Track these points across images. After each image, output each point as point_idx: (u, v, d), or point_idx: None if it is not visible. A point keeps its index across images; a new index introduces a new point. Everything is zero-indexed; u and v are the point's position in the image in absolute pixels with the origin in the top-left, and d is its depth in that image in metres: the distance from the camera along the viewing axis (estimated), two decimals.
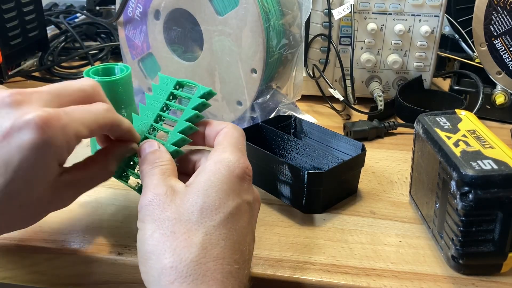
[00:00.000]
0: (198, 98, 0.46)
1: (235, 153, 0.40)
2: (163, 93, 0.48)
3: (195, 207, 0.36)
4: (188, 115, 0.45)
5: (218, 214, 0.36)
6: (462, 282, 0.44)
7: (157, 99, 0.48)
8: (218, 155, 0.40)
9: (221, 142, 0.42)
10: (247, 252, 0.38)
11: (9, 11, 0.79)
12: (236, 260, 0.36)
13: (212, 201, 0.37)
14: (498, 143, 0.44)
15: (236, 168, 0.39)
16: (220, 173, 0.38)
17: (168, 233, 0.35)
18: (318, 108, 0.77)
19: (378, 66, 0.77)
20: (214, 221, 0.36)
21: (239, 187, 0.38)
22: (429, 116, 0.49)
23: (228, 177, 0.38)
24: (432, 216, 0.47)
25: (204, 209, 0.36)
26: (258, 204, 0.43)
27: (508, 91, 0.72)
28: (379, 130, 0.68)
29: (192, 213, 0.36)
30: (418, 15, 0.73)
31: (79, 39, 0.95)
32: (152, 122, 0.47)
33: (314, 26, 0.75)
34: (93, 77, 0.57)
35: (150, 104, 0.48)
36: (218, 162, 0.39)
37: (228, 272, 0.35)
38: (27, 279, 0.48)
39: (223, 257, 0.35)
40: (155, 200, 0.37)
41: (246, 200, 0.39)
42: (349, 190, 0.55)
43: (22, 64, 0.87)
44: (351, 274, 0.44)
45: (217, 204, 0.37)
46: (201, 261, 0.34)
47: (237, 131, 0.43)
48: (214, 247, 0.35)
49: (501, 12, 0.68)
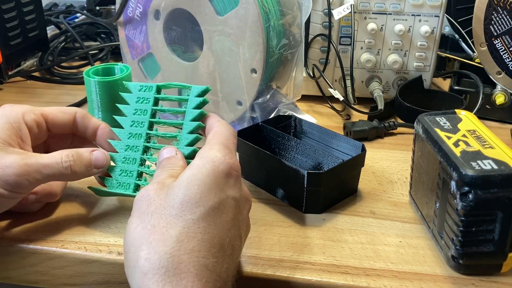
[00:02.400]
0: (196, 98, 0.46)
1: (222, 150, 0.41)
2: (144, 100, 0.48)
3: (176, 200, 0.37)
4: (193, 114, 0.46)
5: (199, 208, 0.37)
6: (462, 282, 0.44)
7: (139, 107, 0.48)
8: (205, 152, 0.41)
9: (210, 140, 0.43)
10: (229, 247, 0.38)
11: (9, 11, 0.79)
12: (214, 254, 0.36)
13: (193, 194, 0.37)
14: (498, 143, 0.44)
15: (221, 164, 0.39)
16: (204, 168, 0.39)
17: (148, 227, 0.36)
18: (318, 108, 0.77)
19: (378, 66, 0.77)
20: (193, 215, 0.36)
21: (223, 182, 0.39)
22: (429, 116, 0.49)
23: (212, 172, 0.39)
24: (432, 216, 0.47)
25: (184, 202, 0.37)
26: (249, 203, 0.43)
27: (508, 91, 0.72)
28: (379, 130, 0.68)
29: (172, 207, 0.37)
30: (418, 15, 0.73)
31: (79, 39, 0.95)
32: (146, 131, 0.47)
33: (314, 26, 0.75)
34: (93, 77, 0.57)
35: (132, 114, 0.48)
36: (204, 158, 0.40)
37: (203, 265, 0.35)
38: (27, 279, 0.48)
39: (198, 250, 0.35)
40: (144, 196, 0.38)
41: (231, 196, 0.39)
42: (349, 190, 0.55)
43: (22, 64, 0.87)
44: (351, 274, 0.44)
45: (198, 197, 0.37)
46: (175, 253, 0.35)
47: (227, 130, 0.44)
48: (190, 240, 0.35)
49: (501, 12, 0.68)
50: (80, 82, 0.86)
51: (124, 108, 0.48)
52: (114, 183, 0.47)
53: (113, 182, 0.47)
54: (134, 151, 0.47)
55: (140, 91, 0.48)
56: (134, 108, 0.48)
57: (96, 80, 0.56)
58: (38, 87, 0.85)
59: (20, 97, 0.80)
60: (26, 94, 0.81)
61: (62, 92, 0.82)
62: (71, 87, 0.84)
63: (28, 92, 0.82)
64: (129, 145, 0.48)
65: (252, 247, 0.47)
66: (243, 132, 0.57)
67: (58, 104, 0.75)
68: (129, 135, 0.48)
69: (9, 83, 0.84)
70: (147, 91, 0.48)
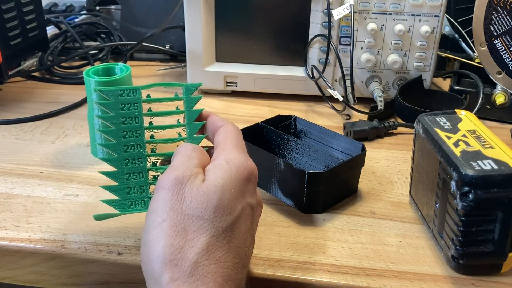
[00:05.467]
0: (192, 97, 0.44)
1: (242, 154, 0.40)
2: (131, 106, 0.43)
3: (211, 203, 0.36)
4: (195, 114, 0.44)
5: (228, 216, 0.36)
6: (462, 282, 0.44)
7: (128, 114, 0.43)
8: (227, 154, 0.39)
9: (224, 141, 0.41)
10: (245, 257, 0.38)
11: (9, 11, 0.79)
12: (236, 265, 0.36)
13: (226, 200, 0.36)
14: (498, 143, 0.44)
15: (245, 169, 0.38)
16: (232, 172, 0.38)
17: (179, 228, 0.35)
18: (318, 108, 0.77)
19: (378, 66, 0.76)
20: (223, 222, 0.36)
21: (245, 189, 0.38)
22: (429, 116, 0.49)
23: (238, 177, 0.38)
24: (432, 216, 0.47)
25: (218, 207, 0.36)
26: (260, 208, 0.43)
27: (508, 91, 0.72)
28: (379, 130, 0.68)
29: (206, 209, 0.35)
30: (418, 15, 0.73)
31: (78, 39, 0.95)
32: (144, 140, 0.43)
33: (314, 26, 0.75)
34: (93, 77, 0.57)
35: (120, 123, 0.43)
36: (230, 161, 0.38)
37: (228, 276, 0.35)
38: (27, 279, 0.48)
39: (224, 261, 0.35)
40: (175, 186, 0.36)
41: (250, 204, 0.39)
42: (349, 190, 0.55)
43: (22, 64, 0.87)
44: (351, 274, 0.44)
45: (230, 205, 0.36)
46: (204, 262, 0.34)
47: (236, 130, 0.43)
48: (218, 250, 0.35)
49: (501, 12, 0.67)
50: (80, 82, 0.85)
51: (108, 119, 0.43)
52: (126, 204, 0.43)
53: (124, 203, 0.42)
54: (138, 164, 0.43)
55: (122, 96, 0.43)
56: (121, 116, 0.43)
57: (96, 80, 0.56)
58: (38, 87, 0.85)
59: (20, 97, 0.80)
60: (26, 94, 0.81)
61: (62, 92, 0.82)
62: (71, 87, 0.84)
63: (28, 92, 0.82)
64: (129, 159, 0.43)
65: None
66: (243, 132, 0.57)
67: (58, 104, 0.75)
68: (125, 148, 0.43)
69: (9, 83, 0.84)
70: (132, 95, 0.43)
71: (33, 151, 0.63)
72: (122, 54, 0.95)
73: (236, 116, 0.74)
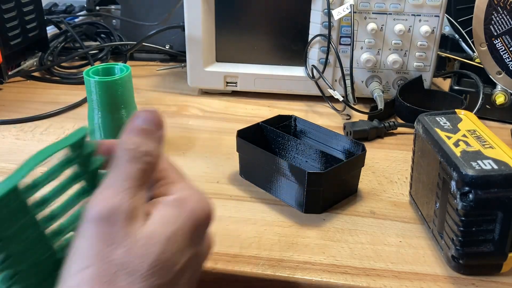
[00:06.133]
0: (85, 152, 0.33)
1: (195, 191, 0.33)
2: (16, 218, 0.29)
3: (148, 257, 0.29)
4: (94, 163, 0.33)
5: (168, 273, 0.30)
6: (462, 282, 0.44)
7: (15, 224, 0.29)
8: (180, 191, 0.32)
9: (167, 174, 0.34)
10: None
11: (9, 11, 0.79)
12: None
13: (168, 255, 0.30)
14: (498, 143, 0.44)
15: (201, 213, 0.32)
16: (183, 219, 0.31)
17: (104, 280, 0.28)
18: (318, 108, 0.77)
19: (378, 66, 0.76)
20: (160, 280, 0.29)
21: (195, 236, 0.32)
22: (429, 116, 0.49)
23: (190, 225, 0.31)
24: (432, 216, 0.47)
25: (157, 262, 0.29)
26: (210, 249, 0.36)
27: (508, 91, 0.72)
28: (379, 130, 0.68)
29: (141, 264, 0.28)
30: (418, 15, 0.73)
31: (78, 39, 0.95)
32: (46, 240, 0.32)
33: (314, 26, 0.75)
34: (93, 77, 0.57)
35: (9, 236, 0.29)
36: (184, 203, 0.32)
37: None
38: None
39: None
40: (105, 223, 0.29)
41: (197, 252, 0.33)
42: (349, 190, 0.55)
43: (22, 64, 0.87)
44: (351, 274, 0.44)
45: (172, 260, 0.30)
46: None
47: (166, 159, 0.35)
48: None
49: (501, 12, 0.68)
50: (80, 82, 0.85)
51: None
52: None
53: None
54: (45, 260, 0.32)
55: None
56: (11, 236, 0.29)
57: (96, 80, 0.56)
58: (38, 87, 0.85)
59: (20, 97, 0.80)
60: (26, 94, 0.81)
61: (62, 92, 0.82)
62: (71, 87, 0.84)
63: (28, 92, 0.82)
64: (36, 262, 0.31)
65: (252, 247, 0.47)
66: (243, 132, 0.57)
67: (58, 104, 0.75)
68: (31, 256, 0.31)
69: (9, 83, 0.84)
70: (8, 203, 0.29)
71: (33, 151, 0.63)
72: (122, 54, 0.95)
73: (236, 116, 0.74)
